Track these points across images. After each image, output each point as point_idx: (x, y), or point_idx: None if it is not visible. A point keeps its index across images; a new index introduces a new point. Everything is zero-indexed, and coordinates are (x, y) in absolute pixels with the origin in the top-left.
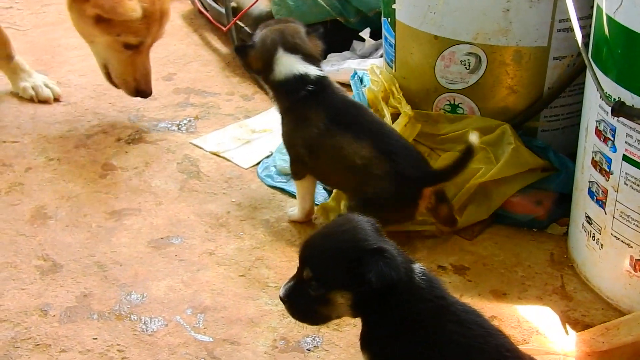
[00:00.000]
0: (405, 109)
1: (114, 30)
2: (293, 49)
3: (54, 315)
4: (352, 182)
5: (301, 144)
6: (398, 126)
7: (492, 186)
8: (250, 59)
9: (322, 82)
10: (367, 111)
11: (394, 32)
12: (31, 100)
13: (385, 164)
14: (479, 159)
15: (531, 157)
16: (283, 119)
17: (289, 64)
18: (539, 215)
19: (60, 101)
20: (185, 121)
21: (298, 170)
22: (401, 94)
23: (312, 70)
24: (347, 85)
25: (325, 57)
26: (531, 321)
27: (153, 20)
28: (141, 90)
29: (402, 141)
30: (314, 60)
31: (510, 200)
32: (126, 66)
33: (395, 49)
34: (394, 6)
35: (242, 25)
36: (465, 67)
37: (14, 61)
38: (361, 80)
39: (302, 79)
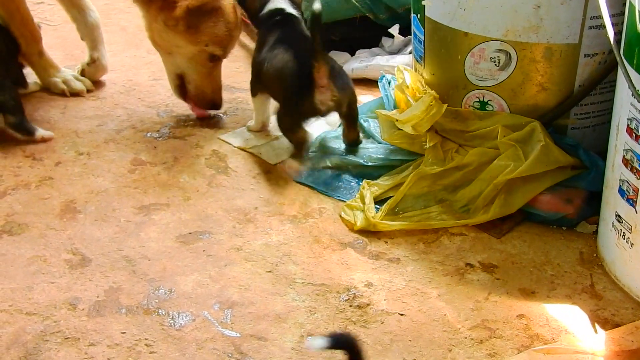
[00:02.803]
0: (430, 92)
1: (202, 40)
2: None
3: (83, 309)
4: (281, 89)
5: (258, 63)
6: (423, 104)
7: (520, 183)
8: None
9: (289, 17)
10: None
11: (424, 28)
12: (62, 94)
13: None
14: (508, 156)
15: (561, 154)
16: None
17: (275, 3)
18: (568, 214)
19: (91, 96)
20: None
21: (254, 87)
22: (427, 87)
23: (288, 8)
24: (377, 82)
25: (354, 53)
26: (560, 320)
27: (235, 31)
28: (216, 103)
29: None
30: (296, 4)
31: (539, 197)
32: (205, 78)
33: (424, 46)
34: (423, 3)
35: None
36: (495, 64)
37: (44, 57)
38: (389, 83)
39: (277, 12)
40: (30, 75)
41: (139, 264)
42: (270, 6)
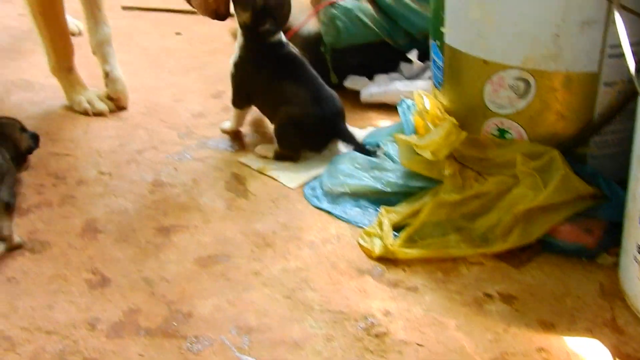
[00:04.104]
0: (449, 118)
1: None
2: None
3: (102, 330)
4: (285, 113)
5: (251, 84)
6: (442, 130)
7: (539, 212)
8: (261, 27)
9: (282, 42)
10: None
11: (443, 55)
12: (85, 113)
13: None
14: (527, 185)
15: (580, 184)
16: (240, 63)
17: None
18: (588, 244)
19: (113, 116)
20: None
21: (241, 101)
22: (445, 114)
23: (283, 37)
24: (395, 107)
25: (372, 78)
26: (581, 354)
27: None
28: (220, 13)
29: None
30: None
31: (558, 227)
32: None
33: (443, 73)
34: (443, 30)
35: (291, 45)
36: (515, 92)
37: (73, 74)
38: (408, 108)
39: (282, 43)
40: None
41: (158, 285)
42: (277, 37)
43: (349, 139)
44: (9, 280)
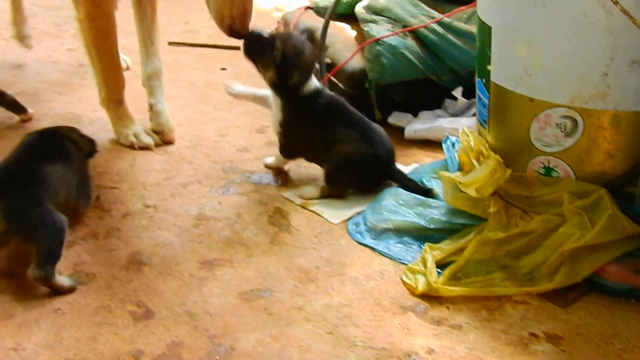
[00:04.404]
0: (494, 156)
1: None
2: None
3: None
4: (338, 153)
5: (301, 139)
6: (487, 168)
7: (586, 252)
8: (289, 80)
9: (319, 90)
10: (350, 108)
11: (488, 93)
12: (131, 147)
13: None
14: (574, 224)
15: (629, 223)
16: (287, 122)
17: (312, 82)
18: (637, 285)
19: (159, 150)
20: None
21: (290, 153)
22: (490, 152)
23: (317, 84)
24: (439, 144)
25: (416, 115)
26: None
27: None
28: (235, 30)
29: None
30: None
31: (606, 267)
32: (224, 1)
33: (489, 110)
34: (489, 67)
35: (336, 81)
36: (561, 130)
37: (122, 107)
38: (453, 145)
39: (318, 91)
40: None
41: (201, 319)
42: (312, 86)
43: (402, 179)
44: (55, 311)
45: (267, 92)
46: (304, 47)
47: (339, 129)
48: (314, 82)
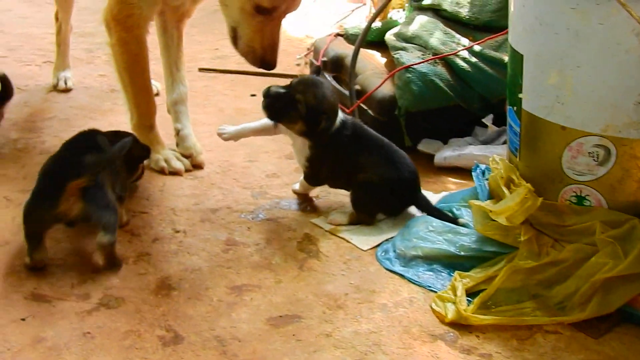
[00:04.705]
0: (525, 184)
1: None
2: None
3: None
4: (363, 179)
5: (327, 171)
6: (518, 196)
7: (619, 282)
8: (322, 124)
9: (344, 123)
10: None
11: (520, 120)
12: (161, 171)
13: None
14: (607, 253)
15: None
16: (315, 159)
17: (339, 119)
18: None
19: (189, 175)
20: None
21: (316, 182)
22: (521, 180)
23: (343, 116)
24: (469, 171)
25: (446, 142)
26: None
27: None
28: (266, 61)
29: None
30: None
31: (639, 298)
32: (255, 33)
33: (520, 138)
34: (520, 95)
35: (365, 108)
36: (594, 159)
37: (153, 132)
38: (483, 173)
39: (343, 124)
40: None
41: (230, 344)
42: (337, 121)
43: (427, 206)
44: (85, 335)
45: (264, 121)
46: (324, 91)
47: (363, 154)
48: (339, 116)
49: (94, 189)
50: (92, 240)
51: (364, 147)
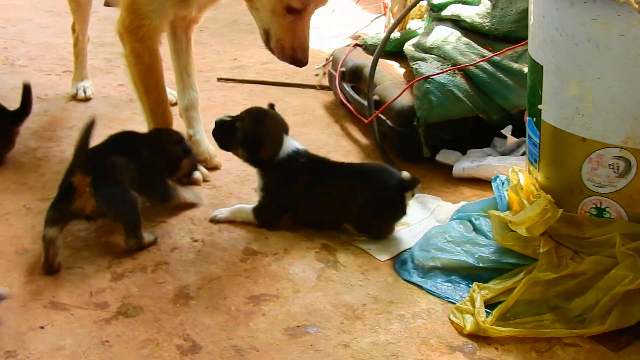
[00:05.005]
0: (545, 195)
1: None
2: (286, 130)
3: None
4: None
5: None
6: (537, 207)
7: (639, 295)
8: (262, 152)
9: (305, 152)
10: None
11: (539, 132)
12: (179, 182)
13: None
14: (627, 266)
15: None
16: (267, 178)
17: (288, 145)
18: None
19: (207, 185)
20: None
21: (267, 213)
22: (541, 191)
23: (297, 144)
24: (489, 183)
25: (465, 153)
26: None
27: None
28: (297, 59)
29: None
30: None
31: None
32: (286, 32)
33: (539, 149)
34: (540, 107)
35: (384, 118)
36: (614, 171)
37: None
38: (503, 184)
39: (297, 152)
40: None
41: (248, 354)
42: (286, 150)
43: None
44: (103, 343)
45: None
46: (264, 118)
47: (336, 185)
48: (290, 145)
49: (106, 185)
50: (110, 249)
51: (329, 177)
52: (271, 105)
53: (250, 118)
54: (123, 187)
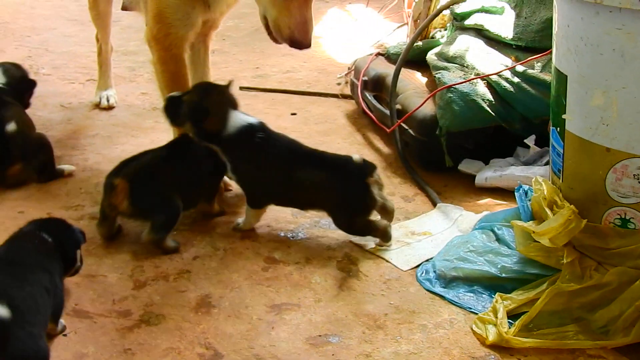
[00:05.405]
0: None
1: None
2: (235, 104)
3: None
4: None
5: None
6: (561, 217)
7: None
8: (207, 123)
9: (261, 127)
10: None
11: (563, 142)
12: None
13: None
14: None
15: None
16: (240, 165)
17: (237, 118)
18: None
19: (229, 194)
20: None
21: (260, 201)
22: (565, 201)
23: (250, 119)
24: (511, 192)
25: (487, 162)
26: None
27: None
28: (295, 40)
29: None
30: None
31: None
32: (281, 11)
33: (563, 159)
34: (564, 116)
35: (406, 127)
36: (639, 181)
37: None
38: (526, 194)
39: (250, 127)
40: None
41: None
42: (238, 121)
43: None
44: (125, 351)
45: None
46: (209, 90)
47: (301, 166)
48: (241, 119)
49: (142, 190)
50: (133, 257)
51: (296, 160)
52: (292, 115)
53: (197, 91)
54: (159, 191)
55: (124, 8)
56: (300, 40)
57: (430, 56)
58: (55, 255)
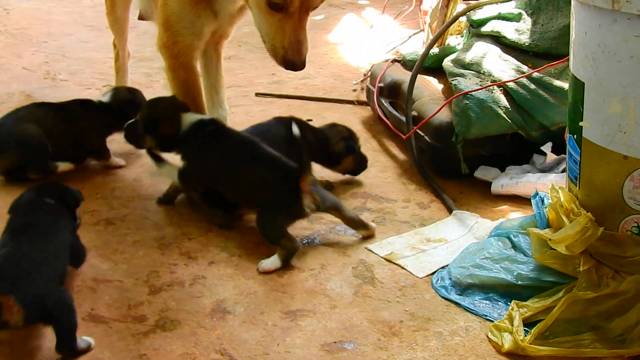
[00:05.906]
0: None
1: None
2: (186, 108)
3: None
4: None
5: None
6: (578, 225)
7: None
8: (161, 129)
9: (210, 121)
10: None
11: (580, 149)
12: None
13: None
14: None
15: None
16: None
17: (189, 118)
18: None
19: None
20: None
21: (191, 183)
22: (581, 209)
23: (201, 116)
24: (527, 200)
25: (504, 169)
26: None
27: None
28: (289, 60)
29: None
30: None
31: None
32: (275, 31)
33: (580, 167)
34: (581, 124)
35: (422, 134)
36: None
37: None
38: (542, 201)
39: (201, 122)
40: None
41: None
42: (190, 120)
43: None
44: (140, 356)
45: None
46: (156, 102)
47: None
48: (192, 118)
49: None
50: (148, 262)
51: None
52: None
53: (146, 106)
54: None
55: (140, 18)
56: (293, 61)
57: (447, 63)
58: (63, 216)
